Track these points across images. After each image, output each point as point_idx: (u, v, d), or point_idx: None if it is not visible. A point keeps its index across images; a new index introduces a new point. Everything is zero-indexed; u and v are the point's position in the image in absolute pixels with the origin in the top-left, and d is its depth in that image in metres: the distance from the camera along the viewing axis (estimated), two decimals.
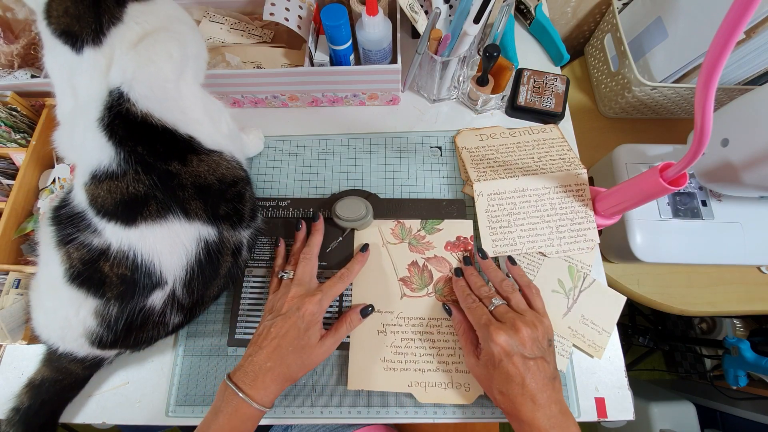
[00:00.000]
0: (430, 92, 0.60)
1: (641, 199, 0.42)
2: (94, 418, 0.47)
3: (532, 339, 0.39)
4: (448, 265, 0.50)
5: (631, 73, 0.64)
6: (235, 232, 0.44)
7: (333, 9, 0.50)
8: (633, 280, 0.68)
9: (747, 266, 0.67)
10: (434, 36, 0.52)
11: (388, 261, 0.50)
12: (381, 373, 0.45)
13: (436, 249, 0.51)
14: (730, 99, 0.58)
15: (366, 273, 0.50)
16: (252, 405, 0.38)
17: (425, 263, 0.50)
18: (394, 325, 0.47)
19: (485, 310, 0.42)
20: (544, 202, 0.51)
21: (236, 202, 0.44)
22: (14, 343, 0.47)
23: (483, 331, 0.41)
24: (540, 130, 0.58)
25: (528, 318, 0.40)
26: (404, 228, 0.52)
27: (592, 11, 0.78)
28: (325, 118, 0.61)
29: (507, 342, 0.38)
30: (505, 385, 0.38)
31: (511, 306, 0.43)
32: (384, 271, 0.50)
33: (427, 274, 0.49)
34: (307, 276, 0.46)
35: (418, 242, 0.51)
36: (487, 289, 0.45)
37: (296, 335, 0.41)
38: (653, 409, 1.01)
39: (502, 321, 0.40)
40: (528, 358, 0.38)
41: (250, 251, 0.49)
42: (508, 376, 0.38)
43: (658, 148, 0.62)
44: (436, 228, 0.52)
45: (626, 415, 0.45)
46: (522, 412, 0.37)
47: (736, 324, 1.02)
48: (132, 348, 0.44)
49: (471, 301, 0.44)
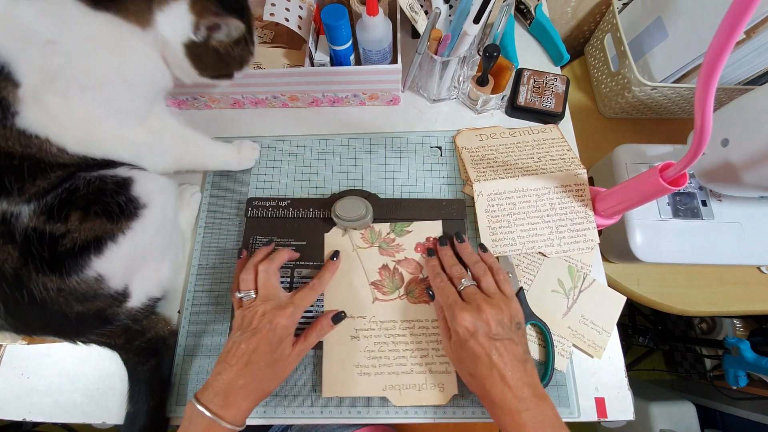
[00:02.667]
0: (430, 92, 0.60)
1: (641, 199, 0.42)
2: (94, 418, 0.47)
3: (496, 320, 0.39)
4: (419, 267, 0.50)
5: (631, 73, 0.64)
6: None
7: (333, 9, 0.50)
8: (633, 280, 0.68)
9: (747, 266, 0.67)
10: (434, 36, 0.52)
11: (358, 266, 0.50)
12: (355, 379, 0.45)
13: (406, 251, 0.50)
14: (730, 99, 0.58)
15: (337, 279, 0.49)
16: (223, 425, 0.36)
17: (396, 266, 0.50)
18: (367, 330, 0.47)
19: (453, 290, 0.43)
20: (544, 202, 0.51)
21: None
22: (14, 343, 0.47)
23: (449, 311, 0.41)
24: (540, 130, 0.58)
25: (495, 300, 0.40)
26: (374, 232, 0.52)
27: (592, 11, 0.78)
28: (325, 118, 0.61)
29: (471, 322, 0.38)
30: (473, 365, 0.38)
31: (481, 288, 0.43)
32: (355, 276, 0.50)
33: (398, 276, 0.49)
34: (273, 289, 0.44)
35: (388, 245, 0.51)
36: (458, 269, 0.45)
37: (269, 349, 0.40)
38: (653, 409, 1.01)
39: (469, 302, 0.40)
40: (494, 338, 0.38)
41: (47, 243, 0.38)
42: (474, 355, 0.38)
43: (658, 148, 0.62)
44: (405, 230, 0.52)
45: (626, 415, 0.45)
46: (492, 393, 0.36)
47: (736, 324, 1.02)
48: None
49: (440, 281, 0.44)
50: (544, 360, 0.46)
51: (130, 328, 0.44)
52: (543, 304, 0.48)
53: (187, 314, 0.50)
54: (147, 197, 0.42)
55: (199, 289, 0.51)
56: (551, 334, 0.46)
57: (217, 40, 0.41)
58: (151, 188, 0.43)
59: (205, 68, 0.43)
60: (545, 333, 0.46)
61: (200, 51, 0.41)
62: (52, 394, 0.48)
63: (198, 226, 0.55)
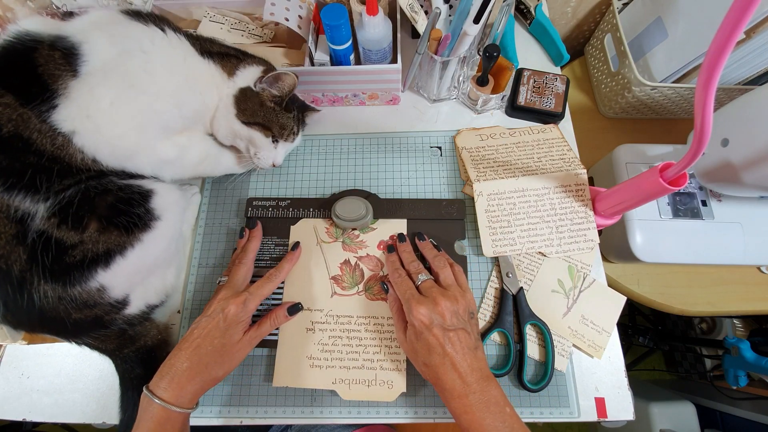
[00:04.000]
0: (430, 92, 0.60)
1: (641, 199, 0.42)
2: (94, 418, 0.47)
3: (451, 312, 0.40)
4: (380, 264, 0.50)
5: (631, 73, 0.64)
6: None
7: (333, 9, 0.50)
8: (633, 280, 0.68)
9: (747, 266, 0.67)
10: (434, 36, 0.52)
11: (321, 260, 0.51)
12: (306, 371, 0.46)
13: (369, 248, 0.51)
14: (730, 99, 0.58)
15: (298, 271, 0.50)
16: (167, 408, 0.37)
17: (357, 262, 0.51)
18: (323, 323, 0.48)
19: (411, 285, 0.44)
20: (544, 202, 0.51)
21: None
22: (14, 343, 0.47)
23: (407, 305, 0.42)
24: (540, 130, 0.58)
25: (450, 293, 0.42)
26: (341, 228, 0.52)
27: (592, 11, 0.78)
28: (326, 118, 0.61)
29: (427, 315, 0.40)
30: (428, 355, 0.39)
31: (440, 281, 0.44)
32: (316, 269, 0.50)
33: (358, 272, 0.50)
34: (240, 279, 0.46)
35: (351, 241, 0.51)
36: (417, 264, 0.46)
37: (217, 335, 0.41)
38: (653, 409, 1.01)
39: (426, 295, 0.42)
40: (448, 329, 0.39)
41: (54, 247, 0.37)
42: (429, 346, 0.39)
43: (658, 148, 0.62)
44: (370, 227, 0.52)
45: (626, 415, 0.45)
46: (443, 380, 0.38)
47: (736, 324, 1.02)
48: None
49: (398, 276, 0.45)
50: (544, 360, 0.46)
51: (125, 333, 0.45)
52: (543, 304, 0.48)
53: (186, 314, 0.50)
54: (161, 210, 0.43)
55: (199, 289, 0.51)
56: (551, 334, 0.46)
57: (268, 91, 0.48)
58: (167, 201, 0.44)
59: (242, 113, 0.48)
60: (545, 333, 0.46)
61: (245, 97, 0.47)
62: (52, 394, 0.48)
63: (198, 227, 0.55)
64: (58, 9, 0.59)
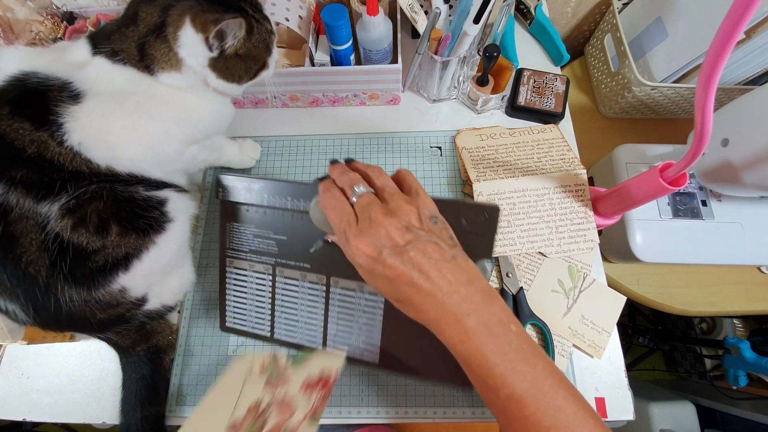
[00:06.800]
0: (430, 92, 0.60)
1: (641, 199, 0.42)
2: (94, 418, 0.47)
3: (401, 227, 0.31)
4: (290, 413, 0.40)
5: (631, 73, 0.64)
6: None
7: (333, 9, 0.50)
8: (633, 280, 0.68)
9: (747, 266, 0.67)
10: (434, 36, 0.52)
11: (234, 398, 0.41)
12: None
13: (290, 386, 0.42)
14: (730, 99, 0.58)
15: (207, 406, 0.41)
16: None
17: (267, 406, 0.40)
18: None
19: (345, 207, 0.33)
20: (544, 202, 0.51)
21: None
22: (14, 343, 0.47)
23: (341, 242, 0.33)
24: (540, 130, 0.58)
25: (393, 204, 0.32)
26: (276, 363, 0.43)
27: (592, 11, 0.78)
28: (326, 118, 0.61)
29: (370, 245, 0.30)
30: (393, 290, 0.31)
31: (377, 189, 0.34)
32: (224, 408, 0.40)
33: (260, 422, 0.40)
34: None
35: (276, 377, 0.42)
36: (350, 175, 0.35)
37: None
38: (653, 409, 1.01)
39: (362, 219, 0.32)
40: (404, 250, 0.30)
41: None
42: (389, 281, 0.30)
43: (658, 148, 0.62)
44: (304, 360, 0.43)
45: (626, 415, 0.45)
46: (426, 310, 0.30)
47: (736, 324, 1.02)
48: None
49: (329, 196, 0.34)
50: None
51: (144, 327, 0.45)
52: (543, 304, 0.48)
53: (187, 314, 0.50)
54: (175, 212, 0.43)
55: (198, 289, 0.51)
56: (551, 334, 0.46)
57: (231, 45, 0.40)
58: (180, 205, 0.44)
59: (239, 76, 0.43)
60: (545, 333, 0.46)
61: (224, 64, 0.41)
62: (52, 394, 0.48)
63: (198, 226, 0.55)
64: (57, 9, 0.59)
